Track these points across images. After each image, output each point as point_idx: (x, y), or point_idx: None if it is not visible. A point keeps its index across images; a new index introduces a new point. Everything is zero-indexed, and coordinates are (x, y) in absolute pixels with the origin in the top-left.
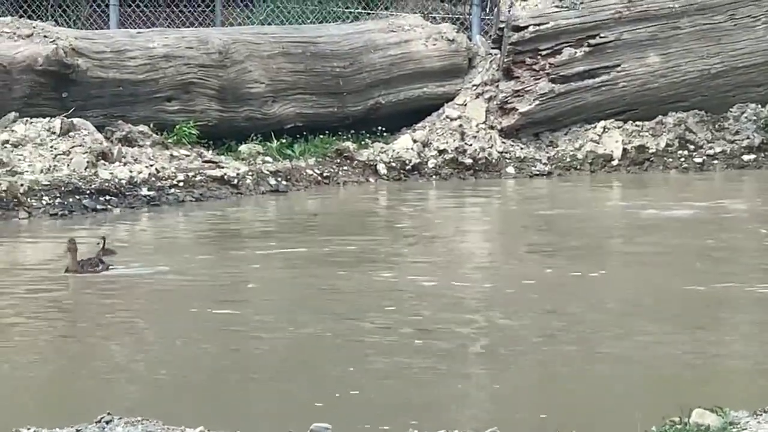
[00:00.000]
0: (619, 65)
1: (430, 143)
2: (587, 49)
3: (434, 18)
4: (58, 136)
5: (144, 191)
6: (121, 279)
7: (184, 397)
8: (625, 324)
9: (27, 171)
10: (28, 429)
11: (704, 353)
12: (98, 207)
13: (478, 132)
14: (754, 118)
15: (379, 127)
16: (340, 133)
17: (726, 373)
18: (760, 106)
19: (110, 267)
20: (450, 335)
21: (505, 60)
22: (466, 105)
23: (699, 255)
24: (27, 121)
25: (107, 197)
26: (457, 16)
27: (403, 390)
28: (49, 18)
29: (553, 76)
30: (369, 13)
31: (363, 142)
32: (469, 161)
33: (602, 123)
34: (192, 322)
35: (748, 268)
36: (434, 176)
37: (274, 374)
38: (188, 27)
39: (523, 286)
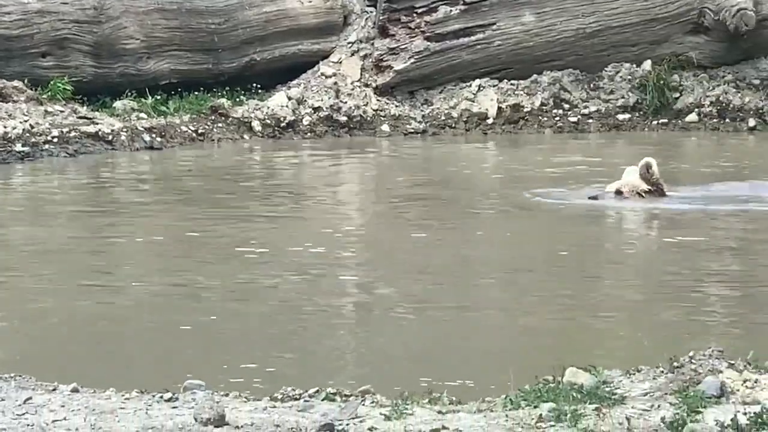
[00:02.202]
0: (494, 24)
1: (305, 101)
2: (463, 7)
3: None
4: None
5: (18, 147)
6: None
7: (59, 355)
8: (497, 284)
9: None
10: None
11: (578, 312)
12: None
13: (353, 90)
14: (629, 77)
15: (255, 84)
16: (215, 90)
17: (600, 332)
18: (634, 65)
19: None
20: (313, 295)
21: (381, 18)
22: (341, 63)
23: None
24: None
25: None
26: None
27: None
28: None
29: (428, 34)
30: None
31: (238, 99)
32: (343, 119)
33: (477, 81)
34: (62, 281)
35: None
36: (309, 134)
37: (148, 333)
38: None
39: (389, 247)
